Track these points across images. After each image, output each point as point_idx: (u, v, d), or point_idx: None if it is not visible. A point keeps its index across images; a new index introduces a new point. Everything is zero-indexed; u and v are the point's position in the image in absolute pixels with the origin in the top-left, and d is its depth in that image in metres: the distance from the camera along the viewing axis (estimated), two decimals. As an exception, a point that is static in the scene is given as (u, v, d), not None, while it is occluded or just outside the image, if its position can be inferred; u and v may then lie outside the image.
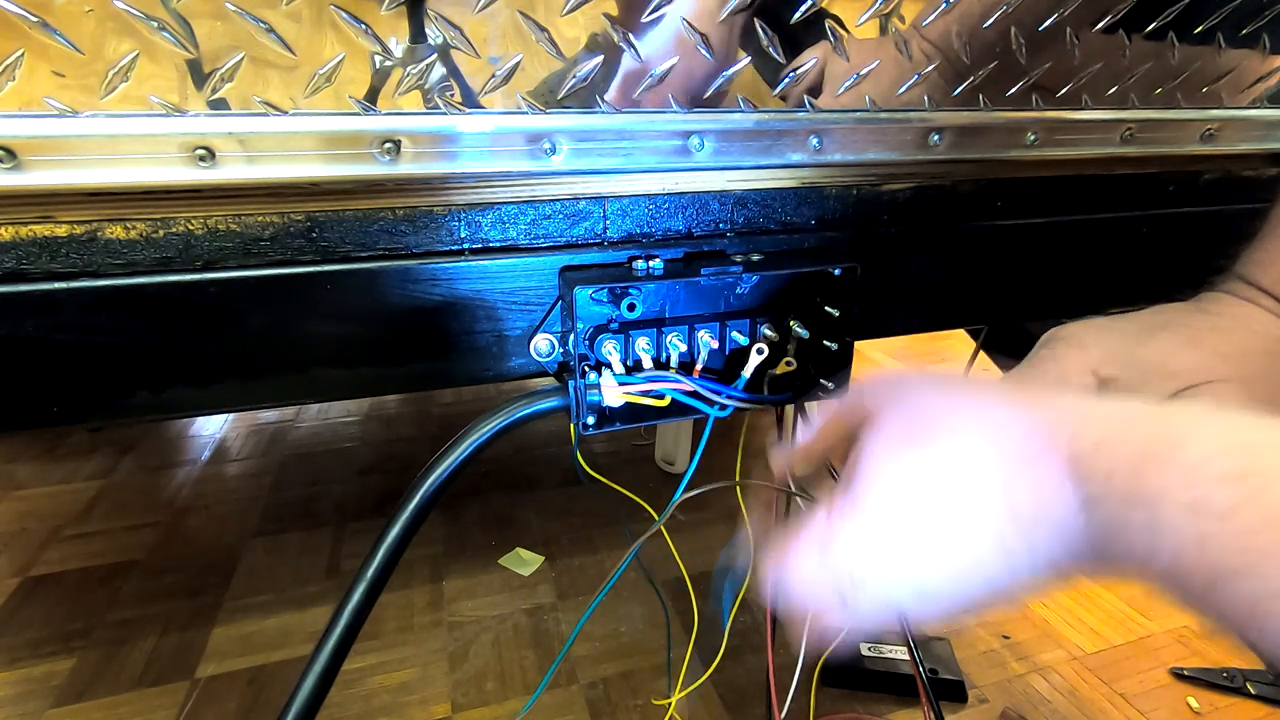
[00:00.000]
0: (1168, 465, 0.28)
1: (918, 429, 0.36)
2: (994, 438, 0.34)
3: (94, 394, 0.47)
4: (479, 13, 0.46)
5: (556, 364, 0.56)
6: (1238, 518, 0.25)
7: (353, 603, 0.52)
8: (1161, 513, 0.27)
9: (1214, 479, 0.26)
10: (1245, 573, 0.25)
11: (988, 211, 0.66)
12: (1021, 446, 0.33)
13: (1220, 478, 0.26)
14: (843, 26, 0.53)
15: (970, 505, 0.33)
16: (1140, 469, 0.28)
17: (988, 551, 0.33)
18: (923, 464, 0.35)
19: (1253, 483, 0.26)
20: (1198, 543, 0.26)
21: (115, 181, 0.43)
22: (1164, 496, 0.27)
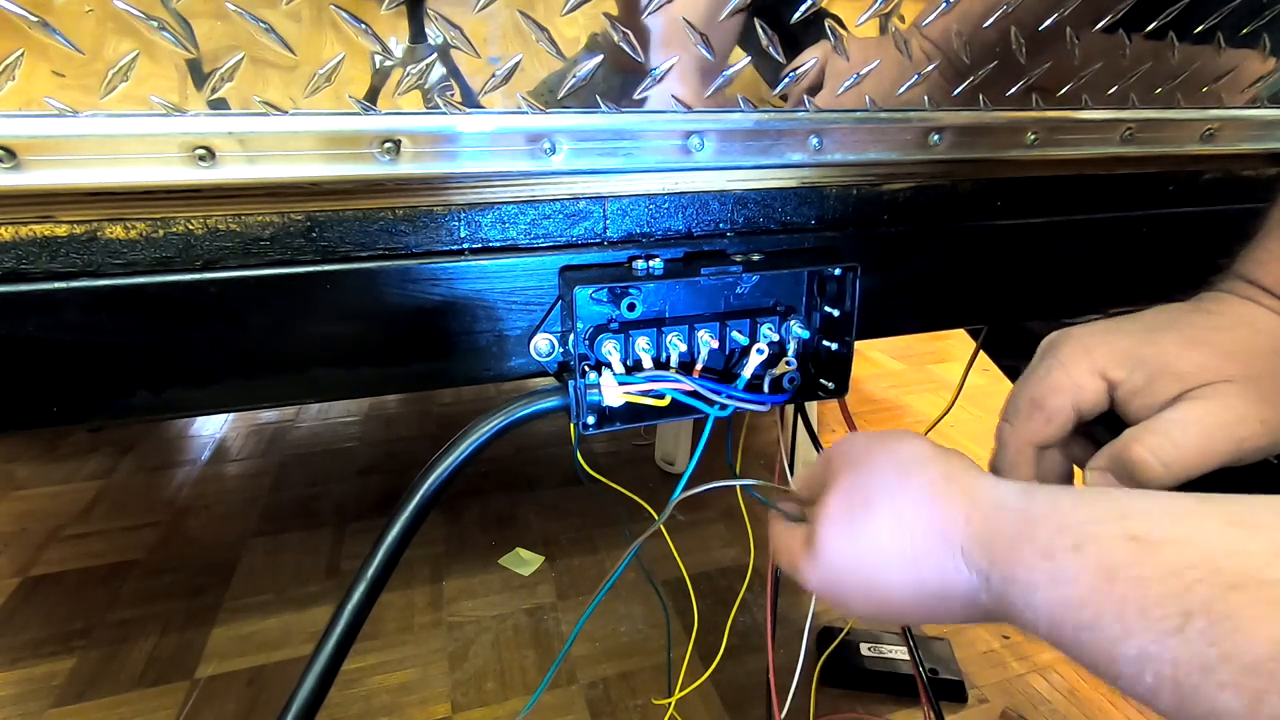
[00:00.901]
0: (1028, 546, 0.35)
1: (855, 511, 0.43)
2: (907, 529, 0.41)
3: (94, 394, 0.47)
4: (479, 12, 0.46)
5: (556, 364, 0.56)
6: (1081, 581, 0.32)
7: (353, 603, 0.52)
8: (1031, 586, 0.34)
9: (1060, 551, 0.34)
10: (1094, 624, 0.31)
11: (988, 211, 0.66)
12: (927, 538, 0.40)
13: (1065, 550, 0.33)
14: (843, 26, 0.53)
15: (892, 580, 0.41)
16: (1011, 555, 0.36)
17: (912, 610, 0.42)
18: (854, 542, 0.43)
19: (1082, 553, 0.33)
20: (1061, 606, 0.33)
21: (115, 181, 0.43)
22: (1031, 574, 0.34)
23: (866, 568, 0.42)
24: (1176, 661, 0.28)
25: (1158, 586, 0.30)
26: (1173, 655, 0.28)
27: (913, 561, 0.40)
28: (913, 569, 0.40)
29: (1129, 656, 0.30)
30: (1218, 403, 0.47)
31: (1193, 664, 0.27)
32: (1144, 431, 0.47)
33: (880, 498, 0.43)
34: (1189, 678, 0.27)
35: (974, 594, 0.38)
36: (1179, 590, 0.29)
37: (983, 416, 1.96)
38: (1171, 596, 0.29)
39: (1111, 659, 0.31)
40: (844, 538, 0.43)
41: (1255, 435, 0.47)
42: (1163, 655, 0.28)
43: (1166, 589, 0.29)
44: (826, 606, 1.35)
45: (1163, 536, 0.31)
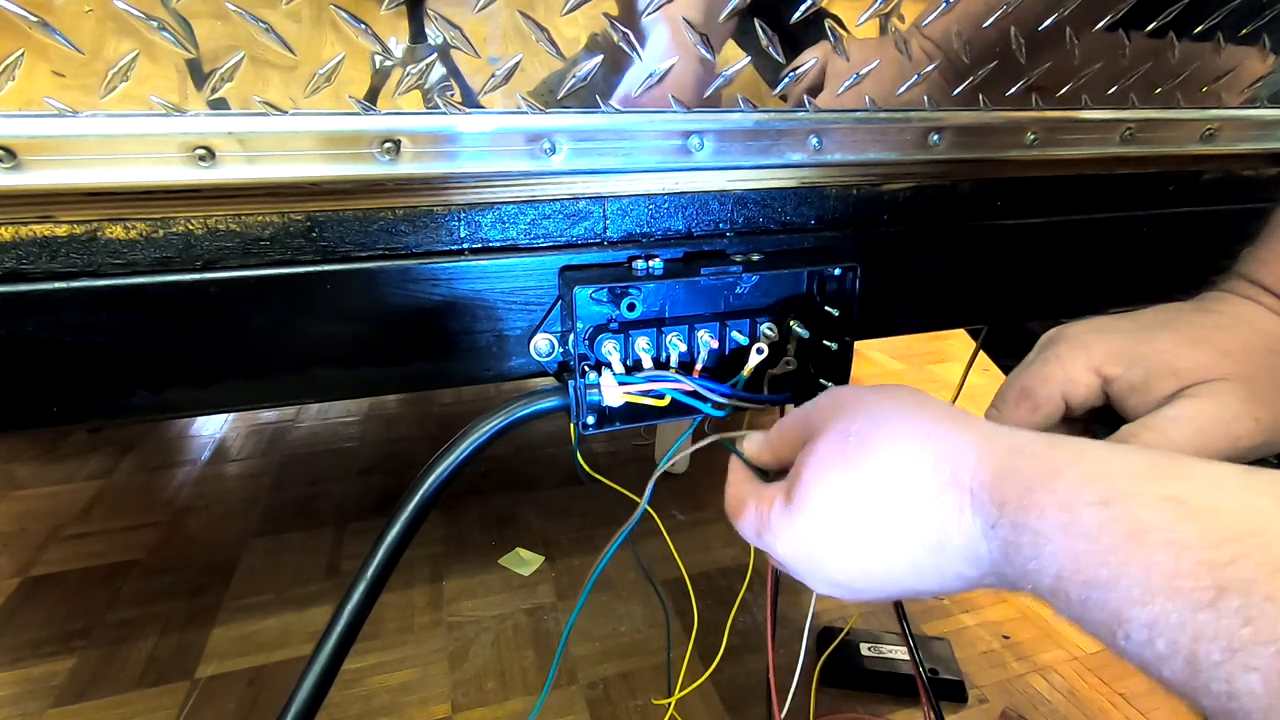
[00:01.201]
0: (1047, 496, 0.32)
1: (849, 452, 0.40)
2: (908, 469, 0.38)
3: (94, 394, 0.47)
4: (478, 12, 0.46)
5: (556, 364, 0.56)
6: (1102, 538, 0.30)
7: (352, 603, 0.52)
8: (1043, 537, 0.32)
9: (1083, 505, 0.31)
10: (1110, 584, 0.29)
11: (987, 211, 0.66)
12: (930, 479, 0.37)
13: (1088, 504, 0.31)
14: (843, 26, 0.53)
15: (885, 527, 0.38)
16: (1025, 500, 0.33)
17: (899, 566, 0.38)
18: (847, 485, 0.40)
19: (1113, 508, 0.30)
20: (1073, 560, 0.31)
21: (115, 181, 0.43)
22: (1045, 523, 0.32)
23: (855, 518, 0.39)
24: (1199, 636, 0.26)
25: (1194, 555, 0.27)
26: (1196, 629, 0.26)
27: (911, 507, 0.37)
28: (910, 517, 0.37)
29: (1141, 621, 0.28)
30: (1214, 401, 0.46)
31: (1218, 641, 0.26)
32: (1140, 428, 0.47)
33: (880, 437, 0.40)
34: (1210, 654, 0.26)
35: (974, 545, 0.35)
36: (1218, 562, 0.27)
37: (983, 416, 1.95)
38: (1207, 567, 0.27)
39: (1120, 620, 0.29)
40: (833, 482, 0.40)
41: (1251, 433, 0.47)
42: (1183, 626, 0.27)
43: (1202, 559, 0.27)
44: (827, 605, 1.35)
45: (1206, 504, 0.29)
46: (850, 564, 0.40)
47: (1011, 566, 0.34)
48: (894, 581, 0.39)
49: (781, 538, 0.42)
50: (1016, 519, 0.33)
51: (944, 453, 0.38)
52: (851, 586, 0.41)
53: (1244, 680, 0.25)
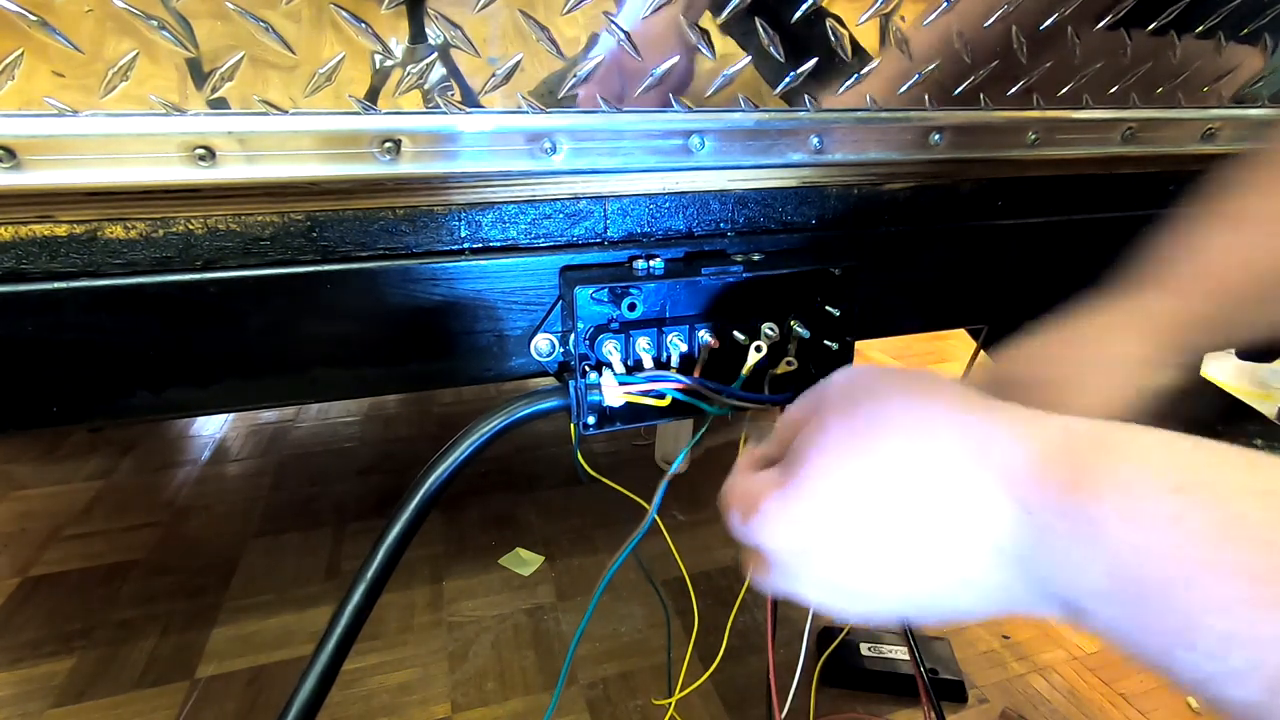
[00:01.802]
0: (1105, 480, 0.28)
1: (859, 427, 0.36)
2: (928, 446, 0.33)
3: (94, 394, 0.47)
4: (479, 12, 0.46)
5: (557, 364, 0.56)
6: (1176, 530, 0.25)
7: (353, 603, 0.52)
8: (1097, 525, 0.27)
9: (1153, 493, 0.26)
10: (1181, 585, 0.25)
11: (988, 211, 0.66)
12: (955, 457, 0.32)
13: (1159, 491, 0.26)
14: (843, 26, 0.53)
15: (893, 509, 0.33)
16: (1079, 482, 0.28)
17: (906, 561, 0.33)
18: (854, 463, 0.35)
19: (1191, 497, 0.26)
20: (1134, 555, 0.26)
21: (115, 181, 0.43)
22: (1102, 510, 0.27)
23: (861, 501, 0.34)
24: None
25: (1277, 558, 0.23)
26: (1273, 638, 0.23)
27: (927, 487, 0.32)
28: (926, 499, 0.32)
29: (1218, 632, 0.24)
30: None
31: None
32: None
33: (894, 412, 0.35)
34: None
35: (1001, 534, 0.30)
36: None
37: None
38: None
39: (1188, 629, 0.24)
40: (838, 460, 0.35)
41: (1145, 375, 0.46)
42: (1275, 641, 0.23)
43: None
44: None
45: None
46: (849, 556, 0.35)
47: (1047, 562, 0.29)
48: (897, 583, 0.34)
49: (772, 522, 0.36)
50: (1064, 503, 0.28)
51: (976, 431, 0.33)
52: (847, 588, 0.36)
53: None
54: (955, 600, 0.33)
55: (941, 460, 0.33)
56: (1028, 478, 0.30)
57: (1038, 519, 0.29)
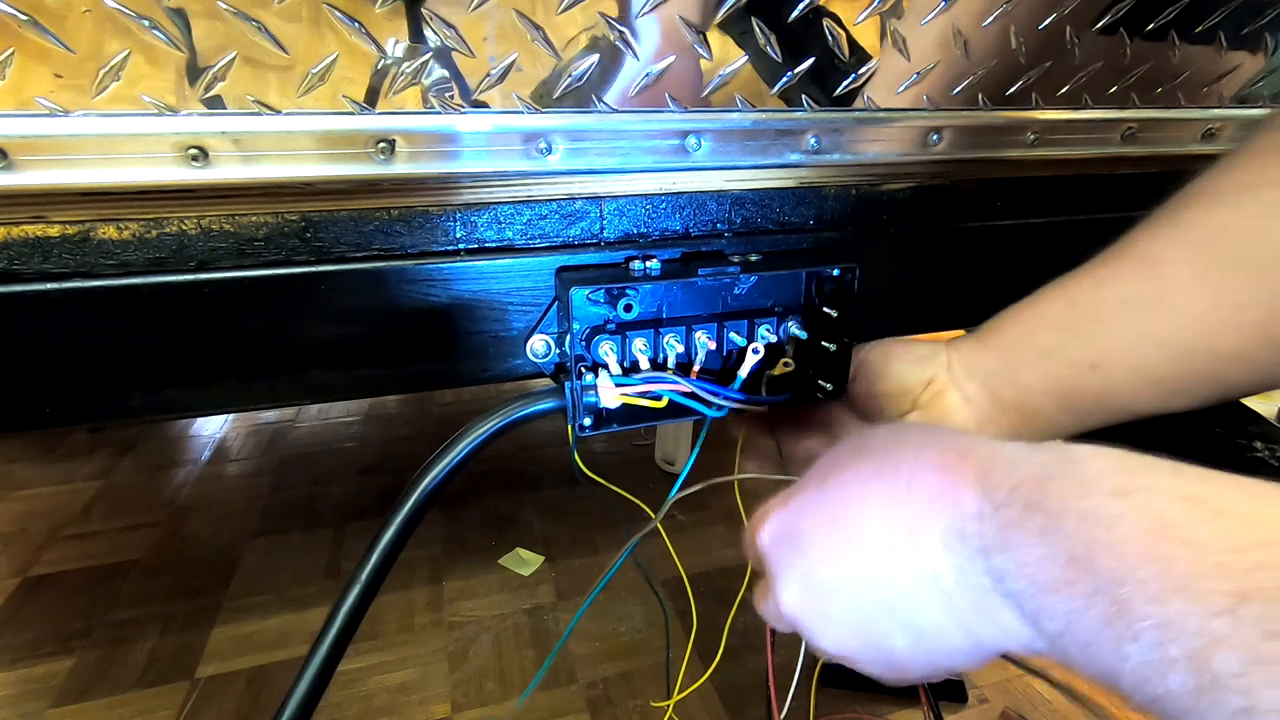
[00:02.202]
0: (1065, 481, 0.31)
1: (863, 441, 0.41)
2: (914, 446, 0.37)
3: (88, 395, 0.47)
4: (473, 11, 0.45)
5: (553, 365, 0.56)
6: (1118, 528, 0.28)
7: (348, 605, 0.52)
8: (1057, 520, 0.30)
9: (1103, 493, 0.29)
10: (1124, 578, 0.27)
11: (988, 211, 0.65)
12: (936, 455, 0.36)
13: (1108, 492, 0.29)
14: (841, 25, 0.53)
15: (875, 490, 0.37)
16: (1042, 484, 0.31)
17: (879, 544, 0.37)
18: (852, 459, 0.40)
19: (1134, 498, 0.29)
20: (1086, 549, 0.28)
21: (108, 181, 0.43)
22: (1061, 506, 0.30)
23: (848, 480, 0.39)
24: (1217, 643, 0.24)
25: (1212, 557, 0.26)
26: (1213, 635, 0.25)
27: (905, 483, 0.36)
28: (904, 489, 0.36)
29: (1155, 621, 0.26)
30: None
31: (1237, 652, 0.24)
32: None
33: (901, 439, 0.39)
34: (1227, 664, 0.24)
35: (965, 523, 0.33)
36: (1239, 569, 0.25)
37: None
38: (1227, 573, 0.25)
39: (1131, 620, 0.27)
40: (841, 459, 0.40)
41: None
42: (1200, 632, 0.25)
43: (1222, 562, 0.25)
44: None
45: (1226, 505, 0.27)
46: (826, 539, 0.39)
47: (1007, 554, 0.31)
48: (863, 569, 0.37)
49: (771, 523, 0.42)
50: (1030, 500, 0.31)
51: (957, 438, 0.37)
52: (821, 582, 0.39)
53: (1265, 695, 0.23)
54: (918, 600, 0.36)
55: (926, 460, 0.36)
56: (999, 482, 0.33)
57: (1004, 514, 0.32)
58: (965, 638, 0.35)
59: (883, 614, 0.37)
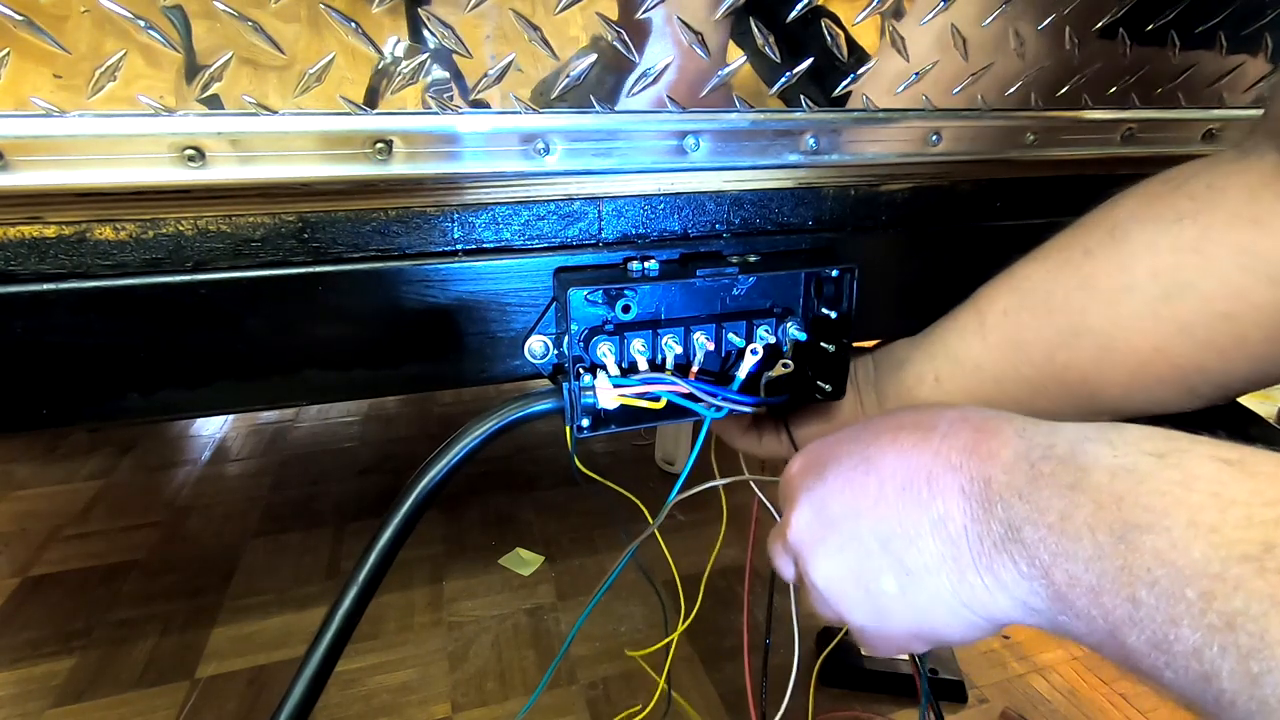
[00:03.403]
0: (1102, 445, 0.32)
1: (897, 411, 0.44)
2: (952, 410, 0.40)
3: (84, 396, 0.47)
4: (471, 12, 0.45)
5: (551, 366, 0.56)
6: (1150, 481, 0.29)
7: (345, 606, 0.52)
8: (1088, 474, 0.31)
9: (1138, 453, 0.31)
10: (1150, 526, 0.28)
11: (987, 212, 0.65)
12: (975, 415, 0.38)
13: (1144, 452, 0.31)
14: (839, 25, 0.53)
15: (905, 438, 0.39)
16: (1078, 445, 0.33)
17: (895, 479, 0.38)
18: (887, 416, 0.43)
19: (1170, 459, 0.30)
20: (1115, 501, 0.29)
21: (104, 182, 0.42)
22: (1095, 463, 0.31)
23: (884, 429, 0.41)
24: (1240, 585, 0.25)
25: (1241, 510, 0.26)
26: (1237, 578, 0.25)
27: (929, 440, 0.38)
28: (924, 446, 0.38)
29: (1176, 567, 0.27)
30: None
31: (1258, 595, 0.24)
32: None
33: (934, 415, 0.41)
34: (1248, 606, 0.24)
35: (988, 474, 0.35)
36: (1268, 520, 0.26)
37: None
38: (1256, 523, 0.26)
39: (1153, 563, 0.27)
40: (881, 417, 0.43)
41: None
42: (1223, 576, 0.25)
43: (1250, 514, 0.26)
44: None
45: (1261, 469, 0.28)
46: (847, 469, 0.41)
47: (1031, 503, 0.32)
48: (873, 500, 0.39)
49: (802, 456, 0.45)
50: (1066, 455, 0.32)
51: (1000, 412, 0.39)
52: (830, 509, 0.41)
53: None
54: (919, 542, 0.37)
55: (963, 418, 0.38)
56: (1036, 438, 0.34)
57: (1037, 467, 0.33)
58: (954, 593, 0.36)
59: (879, 549, 0.38)
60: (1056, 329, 0.52)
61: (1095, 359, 0.51)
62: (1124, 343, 0.50)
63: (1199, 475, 0.28)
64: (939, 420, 0.39)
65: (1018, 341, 0.54)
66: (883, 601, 0.39)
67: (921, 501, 0.37)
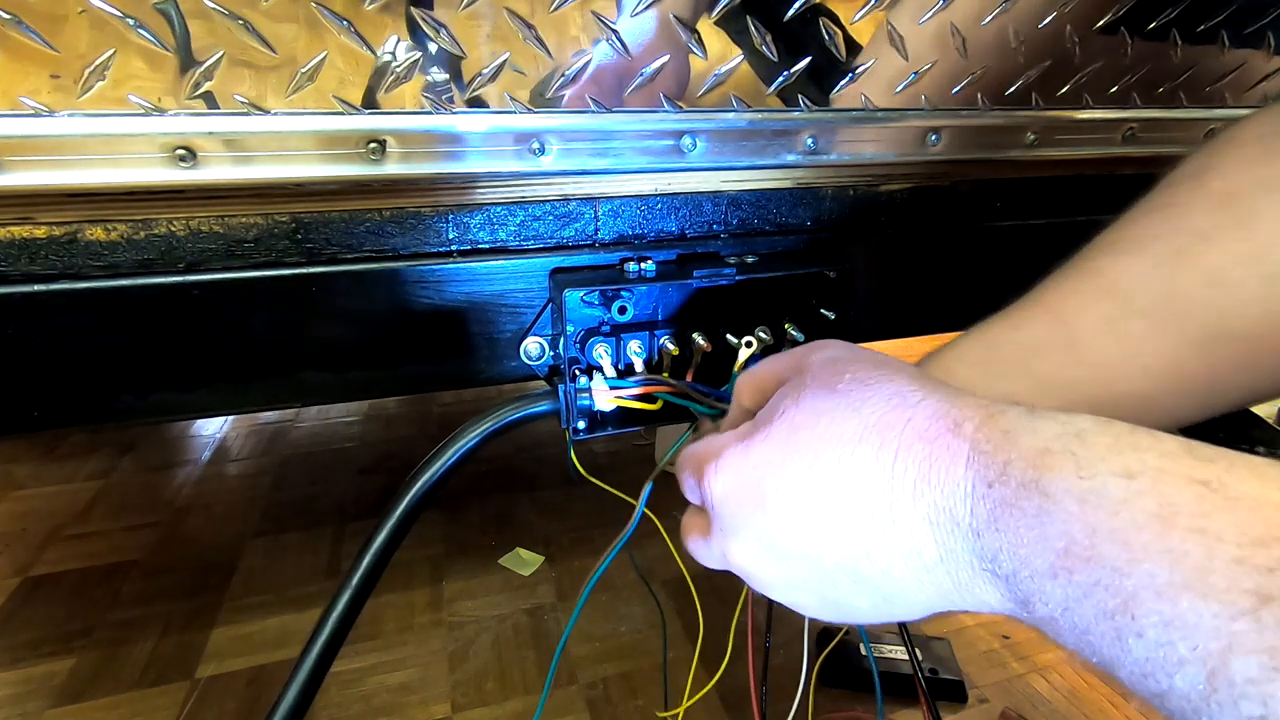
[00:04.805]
0: (1065, 459, 0.28)
1: (841, 386, 0.36)
2: (904, 409, 0.34)
3: (76, 398, 0.46)
4: (464, 10, 0.45)
5: (547, 367, 0.56)
6: (1123, 513, 0.26)
7: (340, 607, 0.52)
8: (1054, 502, 0.27)
9: (1108, 473, 0.27)
10: (1127, 569, 0.25)
11: (987, 212, 0.65)
12: (926, 423, 0.33)
13: (1113, 472, 0.27)
14: (837, 24, 0.53)
15: (850, 462, 0.34)
16: (1040, 460, 0.29)
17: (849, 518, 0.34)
18: (829, 412, 0.36)
19: (1141, 481, 0.26)
20: (1087, 534, 0.26)
21: (95, 182, 0.42)
22: (1060, 487, 0.28)
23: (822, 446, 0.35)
24: (1234, 647, 0.22)
25: (1229, 551, 0.24)
26: (1231, 638, 0.23)
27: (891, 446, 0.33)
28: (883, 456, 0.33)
29: (1161, 618, 0.24)
30: None
31: (1258, 656, 0.22)
32: None
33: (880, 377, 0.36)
34: (1246, 669, 0.22)
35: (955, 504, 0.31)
36: (1258, 566, 0.23)
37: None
38: (1246, 569, 0.23)
39: (1133, 614, 0.25)
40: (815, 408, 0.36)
41: None
42: (1215, 632, 0.23)
43: (1239, 556, 0.23)
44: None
45: (1241, 491, 0.25)
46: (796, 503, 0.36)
47: (1000, 535, 0.29)
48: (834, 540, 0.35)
49: (728, 469, 0.38)
50: (1026, 478, 0.29)
51: (949, 402, 0.34)
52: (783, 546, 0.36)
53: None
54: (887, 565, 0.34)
55: (912, 423, 0.33)
56: (992, 454, 0.30)
57: (996, 493, 0.29)
58: (939, 600, 0.33)
59: (849, 580, 0.35)
60: (1186, 337, 0.45)
61: (1237, 364, 0.45)
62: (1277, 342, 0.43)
63: (1177, 506, 0.25)
64: (887, 425, 0.34)
65: (1129, 354, 0.47)
66: (855, 613, 0.37)
67: (888, 535, 0.33)
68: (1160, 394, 0.47)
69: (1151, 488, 0.26)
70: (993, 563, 0.30)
